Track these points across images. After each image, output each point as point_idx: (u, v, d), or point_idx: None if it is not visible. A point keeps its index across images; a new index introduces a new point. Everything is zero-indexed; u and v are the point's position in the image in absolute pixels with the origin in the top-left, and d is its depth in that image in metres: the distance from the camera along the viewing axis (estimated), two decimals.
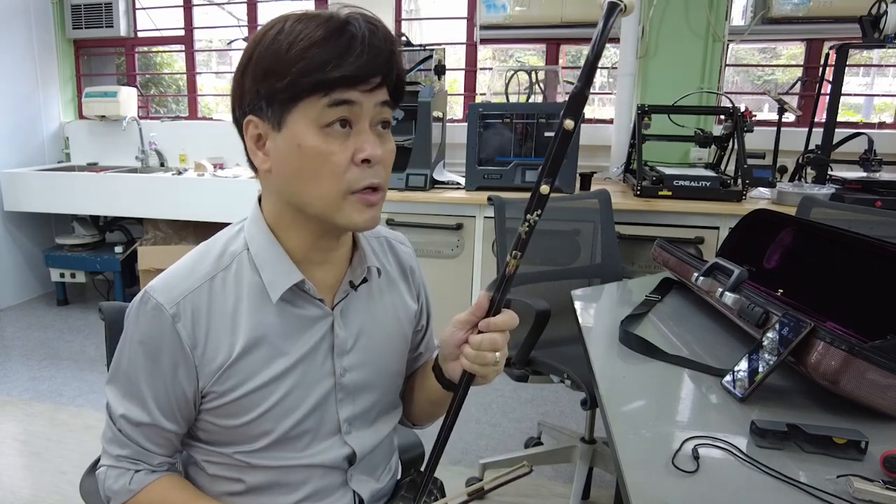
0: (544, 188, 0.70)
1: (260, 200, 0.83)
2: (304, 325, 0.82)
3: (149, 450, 0.82)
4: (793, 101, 3.11)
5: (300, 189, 0.75)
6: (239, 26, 3.84)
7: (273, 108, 0.72)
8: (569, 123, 0.68)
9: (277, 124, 0.73)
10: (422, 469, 0.86)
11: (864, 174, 2.57)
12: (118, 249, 3.73)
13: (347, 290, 0.85)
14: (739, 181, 2.58)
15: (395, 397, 0.96)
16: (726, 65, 3.20)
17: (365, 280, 0.87)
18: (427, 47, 3.13)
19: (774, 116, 2.82)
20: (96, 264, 3.73)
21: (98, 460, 0.87)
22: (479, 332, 0.78)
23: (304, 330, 0.82)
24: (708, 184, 2.58)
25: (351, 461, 0.87)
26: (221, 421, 0.81)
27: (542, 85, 3.24)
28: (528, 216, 0.71)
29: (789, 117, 3.00)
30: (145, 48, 4.23)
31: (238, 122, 0.77)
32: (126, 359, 0.80)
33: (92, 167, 3.94)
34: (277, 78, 0.70)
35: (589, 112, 3.64)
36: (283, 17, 0.73)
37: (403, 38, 3.23)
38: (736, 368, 0.99)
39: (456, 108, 3.73)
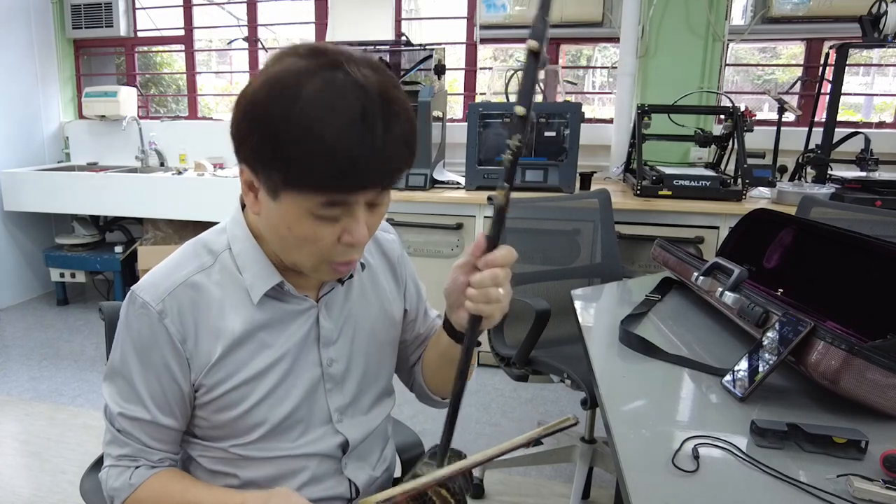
0: (520, 109, 0.68)
1: (243, 205, 0.83)
2: (289, 319, 0.83)
3: (149, 446, 0.83)
4: (793, 100, 3.11)
5: (281, 250, 0.78)
6: (239, 26, 3.84)
7: (269, 177, 0.69)
8: (532, 44, 0.66)
9: (272, 193, 0.70)
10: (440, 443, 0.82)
11: (863, 174, 2.57)
12: (118, 249, 3.73)
13: (333, 284, 0.86)
14: (739, 181, 2.58)
15: (387, 385, 0.97)
16: (726, 64, 3.20)
17: (350, 275, 0.88)
18: (427, 47, 3.13)
19: (774, 116, 2.82)
20: (96, 264, 3.73)
21: (98, 459, 0.87)
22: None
23: (290, 323, 0.83)
24: (708, 183, 2.58)
25: (344, 449, 0.89)
26: (214, 416, 0.82)
27: (541, 85, 3.24)
28: (509, 141, 0.69)
29: (789, 117, 3.00)
30: (145, 48, 4.23)
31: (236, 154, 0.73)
32: (119, 358, 0.81)
33: (92, 167, 3.94)
34: (277, 160, 0.66)
35: (589, 112, 3.64)
36: (302, 73, 0.65)
37: (403, 38, 3.22)
38: (736, 368, 0.99)
39: (456, 107, 3.73)
